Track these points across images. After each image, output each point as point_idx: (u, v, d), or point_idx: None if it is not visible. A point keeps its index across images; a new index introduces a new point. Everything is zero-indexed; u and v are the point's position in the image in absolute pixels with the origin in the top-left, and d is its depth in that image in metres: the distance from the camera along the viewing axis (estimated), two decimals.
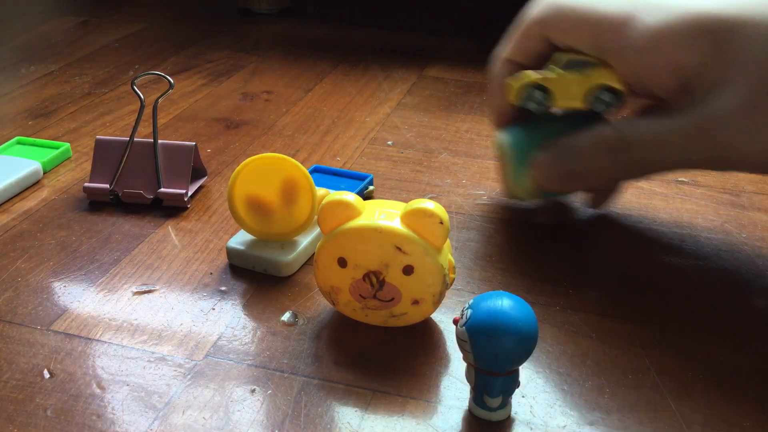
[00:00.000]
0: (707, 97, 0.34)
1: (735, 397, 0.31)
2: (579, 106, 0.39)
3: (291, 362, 0.33)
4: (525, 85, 0.39)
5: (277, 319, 0.36)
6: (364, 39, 0.76)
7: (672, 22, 0.35)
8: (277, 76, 0.66)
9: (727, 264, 0.39)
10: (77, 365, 0.33)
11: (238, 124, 0.57)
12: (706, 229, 0.43)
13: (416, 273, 0.32)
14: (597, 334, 0.35)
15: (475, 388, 0.30)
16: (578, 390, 0.31)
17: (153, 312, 0.36)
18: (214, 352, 0.34)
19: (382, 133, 0.55)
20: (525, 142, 0.41)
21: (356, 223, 0.33)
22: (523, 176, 0.40)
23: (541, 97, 0.39)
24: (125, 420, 0.30)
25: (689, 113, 0.35)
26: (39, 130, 0.56)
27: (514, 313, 0.28)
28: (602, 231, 0.43)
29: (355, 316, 0.35)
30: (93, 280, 0.39)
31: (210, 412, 0.30)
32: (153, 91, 0.61)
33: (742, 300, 0.37)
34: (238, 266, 0.40)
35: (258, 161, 0.38)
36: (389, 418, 0.30)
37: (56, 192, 0.47)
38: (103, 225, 0.44)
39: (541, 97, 0.39)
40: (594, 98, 0.38)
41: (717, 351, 0.34)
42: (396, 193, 0.47)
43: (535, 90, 0.39)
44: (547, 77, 0.39)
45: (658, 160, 0.36)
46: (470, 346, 0.28)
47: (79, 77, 0.66)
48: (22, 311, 0.36)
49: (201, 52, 0.72)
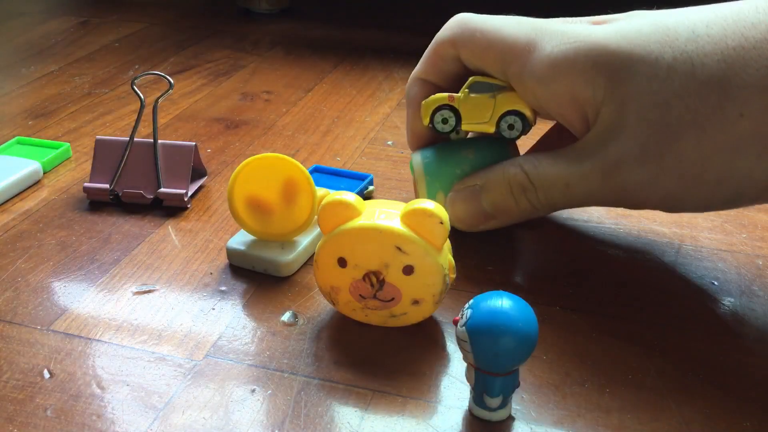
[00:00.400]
0: (607, 140, 0.34)
1: (735, 396, 0.31)
2: (487, 130, 0.39)
3: (291, 362, 0.33)
4: (434, 104, 0.39)
5: (277, 319, 0.36)
6: (364, 39, 0.76)
7: (570, 53, 0.35)
8: (277, 76, 0.66)
9: (728, 264, 0.39)
10: (77, 365, 0.33)
11: (238, 124, 0.57)
12: (707, 229, 0.43)
13: (416, 273, 0.32)
14: (597, 334, 0.35)
15: (475, 388, 0.30)
16: (578, 390, 0.31)
17: (153, 312, 0.36)
18: (214, 352, 0.34)
19: (382, 133, 0.55)
20: (436, 167, 0.40)
21: (356, 223, 0.33)
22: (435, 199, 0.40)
23: (451, 119, 0.39)
24: (125, 420, 0.30)
25: (592, 156, 0.35)
26: (39, 130, 0.56)
27: (514, 313, 0.28)
28: (602, 231, 0.43)
29: (355, 316, 0.35)
30: (93, 280, 0.39)
31: (210, 411, 0.30)
32: (153, 91, 0.61)
33: (742, 300, 0.37)
34: (238, 266, 0.40)
35: (258, 161, 0.38)
36: (389, 418, 0.30)
37: (56, 192, 0.47)
38: (103, 225, 0.44)
39: (451, 118, 0.39)
40: (502, 123, 0.39)
41: (717, 351, 0.34)
42: (396, 193, 0.47)
43: (444, 111, 0.39)
44: (458, 99, 0.39)
45: (567, 201, 0.37)
46: (470, 346, 0.28)
47: (79, 77, 0.66)
48: (22, 311, 0.36)
49: (201, 52, 0.72)
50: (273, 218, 0.39)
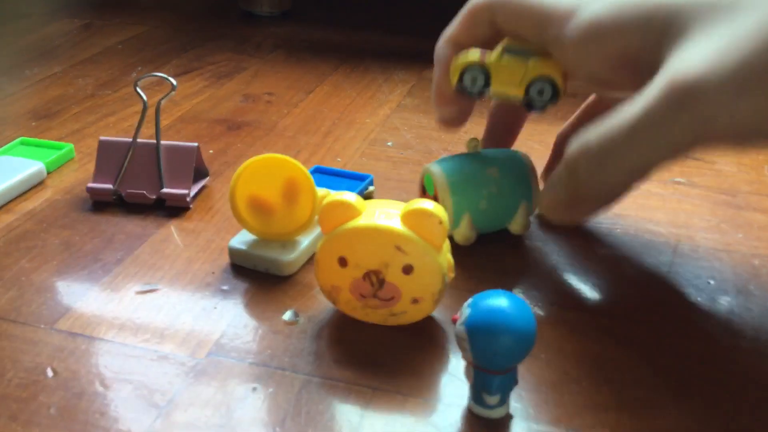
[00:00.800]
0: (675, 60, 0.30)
1: (731, 395, 0.31)
2: (515, 93, 0.37)
3: (292, 360, 0.33)
4: (464, 63, 0.38)
5: (278, 317, 0.36)
6: (365, 41, 0.76)
7: (616, 9, 0.33)
8: (279, 78, 0.66)
9: (724, 264, 0.40)
10: (80, 364, 0.33)
11: (240, 125, 0.57)
12: (703, 229, 0.43)
13: (416, 272, 0.33)
14: (594, 332, 0.35)
15: (473, 386, 0.30)
16: (576, 388, 0.32)
17: (156, 311, 0.37)
18: (216, 350, 0.34)
19: (383, 134, 0.55)
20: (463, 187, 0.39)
21: (356, 223, 0.33)
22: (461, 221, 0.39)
23: (480, 78, 0.38)
24: (128, 418, 0.30)
25: None
26: (43, 131, 0.56)
27: (512, 312, 0.28)
28: (600, 231, 0.43)
29: (355, 315, 0.35)
30: (96, 279, 0.39)
31: (212, 409, 0.31)
32: (156, 93, 0.61)
33: (738, 299, 0.37)
34: (239, 265, 0.40)
35: (260, 162, 0.38)
36: (389, 416, 0.30)
37: (60, 192, 0.48)
38: (107, 225, 0.44)
39: (480, 77, 0.38)
40: (532, 88, 0.37)
41: (713, 350, 0.34)
42: (396, 194, 0.47)
43: (474, 70, 0.38)
44: (489, 60, 0.37)
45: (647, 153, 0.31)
46: (469, 344, 0.28)
47: (82, 79, 0.66)
48: (26, 310, 0.37)
49: (203, 55, 0.72)
50: (274, 218, 0.39)
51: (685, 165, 0.50)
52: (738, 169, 0.50)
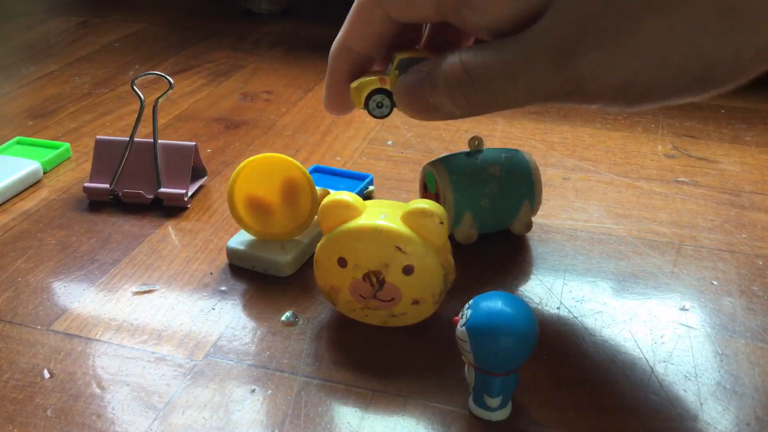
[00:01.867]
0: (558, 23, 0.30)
1: (734, 396, 0.31)
2: None
3: (291, 362, 0.33)
4: (367, 90, 0.37)
5: (277, 319, 0.36)
6: None
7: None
8: (277, 76, 0.66)
9: (728, 264, 0.39)
10: (77, 365, 0.33)
11: (238, 124, 0.57)
12: (706, 229, 0.43)
13: (416, 273, 0.32)
14: (596, 334, 0.35)
15: (474, 388, 0.30)
16: (577, 390, 0.31)
17: (153, 312, 0.36)
18: (214, 352, 0.34)
19: (382, 133, 0.55)
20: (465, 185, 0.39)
21: (356, 223, 0.33)
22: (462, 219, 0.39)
23: (386, 101, 0.37)
24: (125, 420, 0.30)
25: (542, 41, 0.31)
26: (39, 130, 0.56)
27: (513, 314, 0.28)
28: (601, 231, 0.43)
29: (355, 316, 0.35)
30: (93, 280, 0.39)
31: (210, 411, 0.30)
32: (153, 91, 0.61)
33: (742, 300, 0.37)
34: (238, 266, 0.40)
35: (258, 161, 0.38)
36: (389, 418, 0.30)
37: (56, 192, 0.47)
38: (103, 225, 0.44)
39: (385, 101, 0.37)
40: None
41: (716, 351, 0.34)
42: (396, 193, 0.47)
43: (378, 96, 0.37)
44: (390, 81, 0.36)
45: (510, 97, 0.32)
46: (470, 346, 0.28)
47: (79, 77, 0.66)
48: (23, 311, 0.36)
49: (201, 53, 0.72)
50: (273, 218, 0.39)
51: (689, 164, 0.50)
52: (741, 169, 0.49)
